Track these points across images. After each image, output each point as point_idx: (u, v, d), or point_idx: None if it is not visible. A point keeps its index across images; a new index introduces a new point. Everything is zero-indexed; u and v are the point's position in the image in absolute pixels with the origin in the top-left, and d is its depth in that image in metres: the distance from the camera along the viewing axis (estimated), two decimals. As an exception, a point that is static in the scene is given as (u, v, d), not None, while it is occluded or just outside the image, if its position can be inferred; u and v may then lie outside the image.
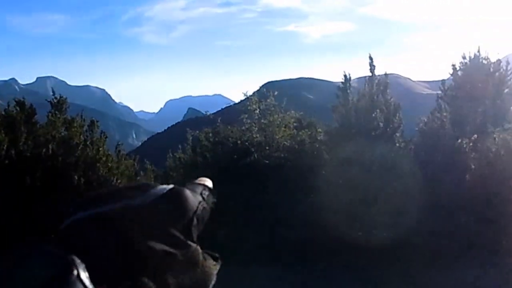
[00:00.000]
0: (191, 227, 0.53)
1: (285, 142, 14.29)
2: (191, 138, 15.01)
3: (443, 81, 14.64)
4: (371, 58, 13.23)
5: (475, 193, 10.64)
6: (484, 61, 14.54)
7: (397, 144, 12.35)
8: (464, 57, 14.73)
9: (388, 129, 12.75)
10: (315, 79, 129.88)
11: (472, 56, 14.61)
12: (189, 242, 0.52)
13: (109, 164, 11.66)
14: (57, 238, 0.49)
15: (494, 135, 11.32)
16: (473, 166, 11.07)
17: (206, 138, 14.39)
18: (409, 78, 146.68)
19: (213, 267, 0.54)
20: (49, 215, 8.10)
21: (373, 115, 12.89)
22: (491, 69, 14.31)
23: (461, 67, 14.60)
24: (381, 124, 12.79)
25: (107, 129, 15.66)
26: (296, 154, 13.70)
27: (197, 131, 14.90)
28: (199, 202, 0.56)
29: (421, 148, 12.41)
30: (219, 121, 14.84)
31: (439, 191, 10.65)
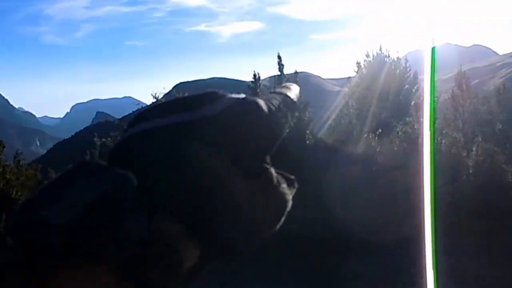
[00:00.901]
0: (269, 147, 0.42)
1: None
2: (99, 143, 14.43)
3: (349, 78, 15.35)
4: (279, 57, 13.58)
5: (381, 185, 11.21)
6: (386, 59, 15.39)
7: (307, 142, 12.71)
8: (367, 55, 15.49)
9: (298, 127, 13.13)
10: (227, 79, 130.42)
11: (375, 54, 15.43)
12: (266, 165, 0.41)
13: (7, 176, 10.85)
14: (109, 155, 0.39)
15: (397, 129, 12.00)
16: (378, 159, 11.65)
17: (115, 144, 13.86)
18: (319, 76, 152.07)
19: (288, 191, 0.43)
20: None
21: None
22: (393, 66, 15.19)
23: (365, 65, 15.36)
24: (292, 122, 13.01)
25: (6, 138, 14.53)
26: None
27: (106, 138, 14.29)
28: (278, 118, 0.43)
29: (331, 143, 12.89)
30: (128, 124, 14.31)
31: (348, 183, 11.08)
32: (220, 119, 0.40)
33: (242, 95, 0.43)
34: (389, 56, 15.31)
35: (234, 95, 0.43)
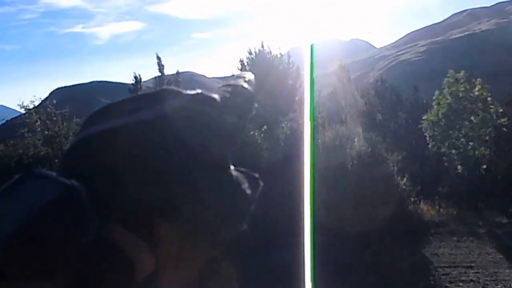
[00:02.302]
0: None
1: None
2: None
3: (233, 76, 15.13)
4: (158, 58, 12.86)
5: (267, 181, 11.02)
6: (269, 56, 15.37)
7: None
8: (250, 52, 15.35)
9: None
10: (109, 82, 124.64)
11: (258, 51, 15.33)
12: (227, 161, 0.41)
13: None
14: (60, 162, 0.39)
15: (283, 125, 11.90)
16: (266, 155, 11.47)
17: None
18: (204, 75, 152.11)
19: (249, 190, 0.43)
20: None
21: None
22: (275, 63, 15.20)
23: (249, 62, 15.22)
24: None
25: None
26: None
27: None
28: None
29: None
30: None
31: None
32: (176, 116, 0.39)
33: (198, 90, 0.42)
34: (271, 52, 15.31)
35: (189, 91, 0.42)
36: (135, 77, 13.31)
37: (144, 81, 13.92)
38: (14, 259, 0.31)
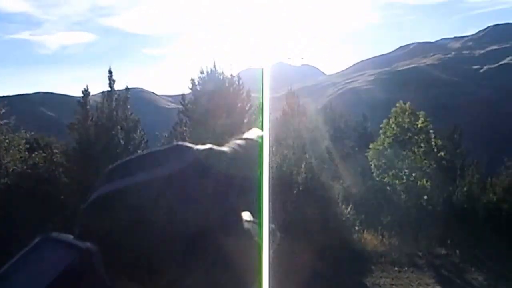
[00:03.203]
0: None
1: (15, 167, 12.37)
2: None
3: (183, 95, 14.82)
4: (110, 72, 12.39)
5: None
6: (220, 76, 15.20)
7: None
8: (202, 72, 15.13)
9: (129, 146, 12.15)
10: (55, 93, 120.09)
11: (209, 71, 15.14)
12: (239, 219, 0.43)
13: None
14: (77, 221, 0.41)
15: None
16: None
17: None
18: (153, 92, 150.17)
19: (261, 242, 0.44)
20: None
21: (113, 132, 12.22)
22: (227, 84, 15.04)
23: (200, 82, 14.97)
24: (122, 142, 12.13)
25: None
26: (29, 179, 11.98)
27: None
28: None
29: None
30: None
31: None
32: (185, 175, 0.40)
33: (208, 146, 0.43)
34: (223, 73, 15.15)
35: (200, 147, 0.43)
36: (84, 91, 12.74)
37: (92, 95, 13.34)
38: None
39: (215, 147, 0.43)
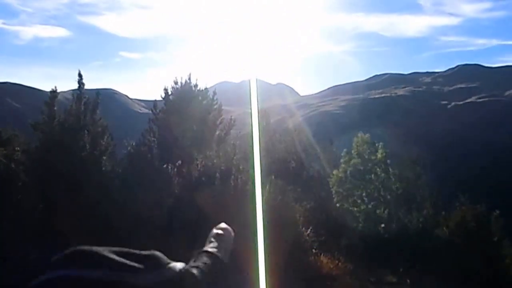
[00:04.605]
0: None
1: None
2: None
3: (155, 102, 14.79)
4: (80, 76, 12.16)
5: (178, 218, 10.79)
6: (194, 88, 15.28)
7: (103, 168, 11.63)
8: (176, 82, 15.18)
9: (95, 152, 12.03)
10: (23, 85, 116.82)
11: (184, 83, 15.19)
12: None
13: None
14: None
15: (197, 162, 11.76)
16: (176, 191, 11.23)
17: None
18: (126, 95, 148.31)
19: None
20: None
21: (80, 135, 12.08)
22: (200, 97, 15.12)
23: (173, 92, 15.01)
24: (88, 146, 12.00)
25: None
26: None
27: None
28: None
29: (129, 171, 12.02)
30: None
31: (143, 216, 10.42)
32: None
33: (180, 266, 0.48)
34: (197, 85, 15.22)
35: (175, 265, 0.47)
36: (52, 91, 12.49)
37: (63, 92, 13.13)
38: None
39: (189, 268, 0.48)
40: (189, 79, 15.22)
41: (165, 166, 11.69)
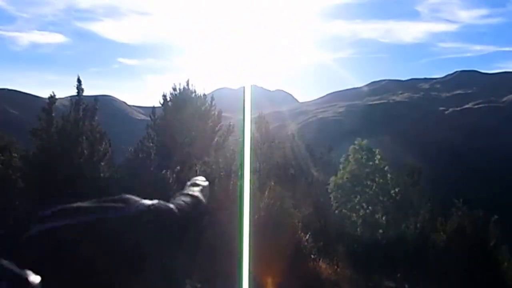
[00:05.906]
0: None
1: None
2: None
3: (153, 108, 14.79)
4: (79, 81, 12.21)
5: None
6: (193, 95, 15.31)
7: (102, 174, 11.66)
8: (174, 89, 15.21)
9: (93, 158, 12.07)
10: (21, 92, 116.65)
11: (182, 89, 15.22)
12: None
13: None
14: (17, 249, 0.45)
15: (196, 168, 11.80)
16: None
17: None
18: (124, 102, 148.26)
19: None
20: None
21: (79, 140, 12.11)
22: (198, 103, 15.15)
23: (172, 98, 15.03)
24: (86, 152, 12.03)
25: None
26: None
27: None
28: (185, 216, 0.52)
29: (127, 177, 12.05)
30: None
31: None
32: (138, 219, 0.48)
33: (155, 201, 0.50)
34: (196, 92, 15.24)
35: (148, 202, 0.51)
36: (50, 97, 12.53)
37: (60, 98, 13.14)
38: None
39: (162, 203, 0.51)
40: (188, 85, 15.23)
41: (163, 172, 11.73)
